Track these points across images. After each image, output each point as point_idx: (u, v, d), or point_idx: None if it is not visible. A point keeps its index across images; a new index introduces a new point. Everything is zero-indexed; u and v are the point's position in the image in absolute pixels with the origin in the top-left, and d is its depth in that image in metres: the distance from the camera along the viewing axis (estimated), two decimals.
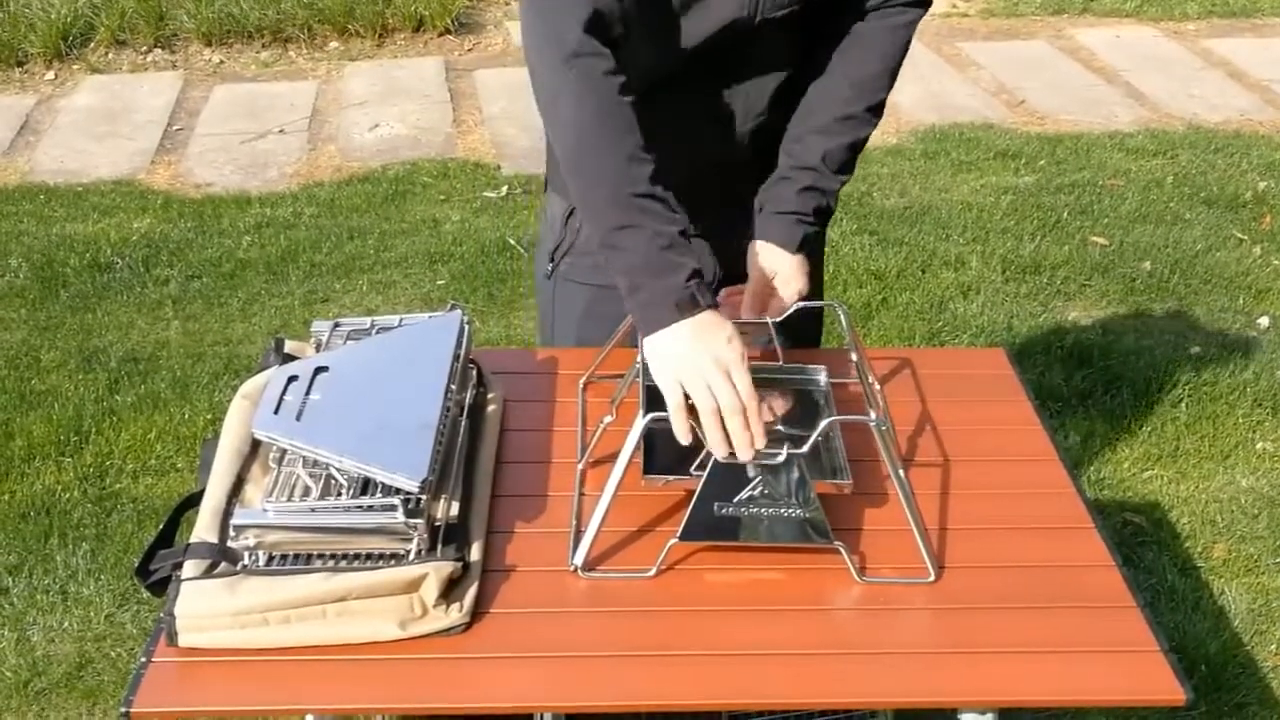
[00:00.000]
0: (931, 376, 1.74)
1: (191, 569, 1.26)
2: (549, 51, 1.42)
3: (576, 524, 1.41)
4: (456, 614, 1.26)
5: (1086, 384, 3.27)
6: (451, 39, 5.86)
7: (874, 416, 1.39)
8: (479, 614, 1.28)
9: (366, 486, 1.31)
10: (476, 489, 1.42)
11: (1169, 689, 1.22)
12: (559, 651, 1.25)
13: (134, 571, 1.33)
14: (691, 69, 1.58)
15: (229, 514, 1.31)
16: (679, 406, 1.35)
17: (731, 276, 1.72)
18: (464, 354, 1.52)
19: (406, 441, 1.31)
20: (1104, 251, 3.99)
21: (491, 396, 1.61)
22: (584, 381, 1.67)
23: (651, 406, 1.40)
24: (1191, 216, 4.23)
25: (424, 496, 1.28)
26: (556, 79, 1.43)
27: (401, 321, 1.57)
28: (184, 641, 1.22)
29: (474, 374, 1.60)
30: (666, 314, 1.37)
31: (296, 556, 1.28)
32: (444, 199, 4.37)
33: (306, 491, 1.30)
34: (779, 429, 1.51)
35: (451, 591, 1.27)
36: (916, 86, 5.29)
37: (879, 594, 1.33)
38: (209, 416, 3.08)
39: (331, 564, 1.26)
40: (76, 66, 5.52)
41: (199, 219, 4.20)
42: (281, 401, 1.37)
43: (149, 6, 5.65)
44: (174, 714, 1.21)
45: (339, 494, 1.30)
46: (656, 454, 1.43)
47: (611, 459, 1.38)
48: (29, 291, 3.72)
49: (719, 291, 1.65)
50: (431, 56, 5.72)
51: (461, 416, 1.49)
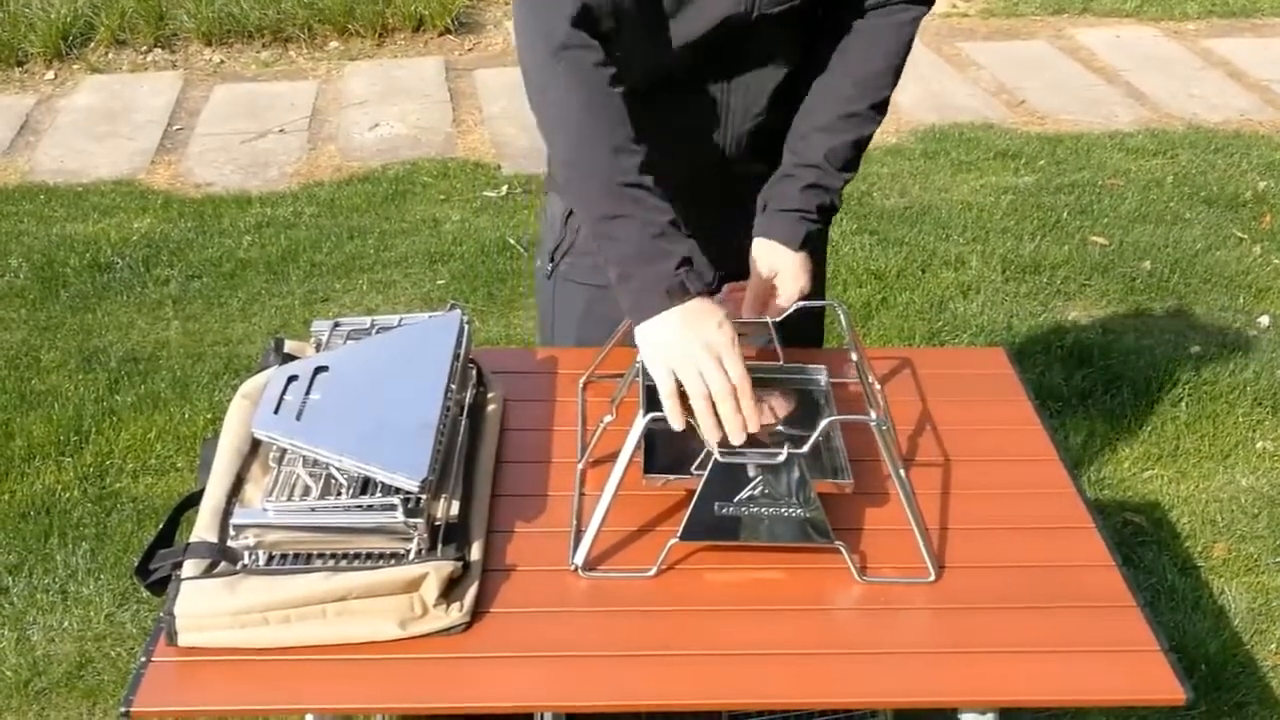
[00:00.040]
0: (931, 376, 1.74)
1: (191, 568, 1.26)
2: (538, 45, 1.44)
3: (577, 523, 1.41)
4: (457, 613, 1.26)
5: (1086, 383, 3.27)
6: (451, 39, 5.86)
7: (874, 416, 1.39)
8: (479, 613, 1.28)
9: (366, 486, 1.31)
10: (476, 488, 1.42)
11: (1169, 688, 1.22)
12: (559, 651, 1.25)
13: (134, 571, 1.33)
14: (689, 67, 1.58)
15: (229, 513, 1.31)
16: (671, 393, 1.36)
17: (732, 276, 1.72)
18: (464, 353, 1.52)
19: (406, 441, 1.31)
20: (1104, 251, 3.99)
21: (491, 396, 1.61)
22: (584, 381, 1.67)
23: (651, 406, 1.40)
24: (1191, 216, 4.23)
25: (424, 496, 1.28)
26: (545, 72, 1.44)
27: (401, 321, 1.57)
28: (184, 641, 1.22)
29: (474, 373, 1.60)
30: (657, 301, 1.39)
31: (296, 556, 1.28)
32: (444, 199, 4.37)
33: (306, 491, 1.30)
34: (779, 429, 1.51)
35: (452, 591, 1.27)
36: (916, 86, 5.29)
37: (879, 594, 1.33)
38: (209, 416, 3.08)
39: (331, 563, 1.26)
40: (76, 66, 5.52)
41: (199, 219, 4.20)
42: (281, 401, 1.37)
43: (149, 6, 5.65)
44: (174, 713, 1.21)
45: (339, 493, 1.30)
46: (657, 453, 1.43)
47: (611, 458, 1.38)
48: (29, 291, 3.73)
49: (721, 289, 1.66)
50: (431, 56, 5.72)
51: (461, 416, 1.49)
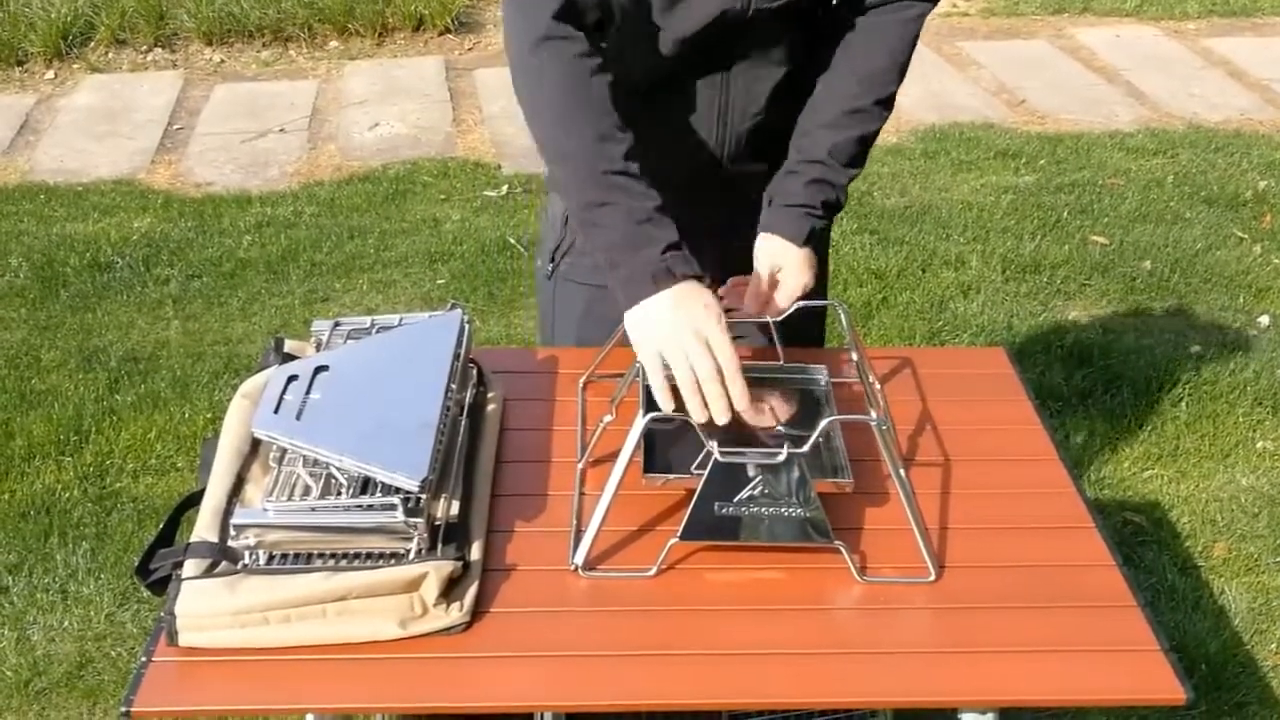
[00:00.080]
0: (932, 376, 1.74)
1: (192, 568, 1.26)
2: (522, 38, 1.46)
3: (577, 523, 1.41)
4: (457, 613, 1.26)
5: (1087, 383, 3.27)
6: (451, 38, 5.86)
7: (874, 416, 1.39)
8: (479, 613, 1.28)
9: (366, 486, 1.31)
10: (476, 488, 1.42)
11: (1169, 688, 1.22)
12: (559, 651, 1.25)
13: (134, 571, 1.33)
14: (687, 64, 1.58)
15: (229, 513, 1.31)
16: (658, 376, 1.38)
17: (734, 275, 1.72)
18: (464, 353, 1.52)
19: (406, 441, 1.31)
20: (1104, 251, 3.99)
21: (491, 396, 1.61)
22: (584, 381, 1.67)
23: (651, 406, 1.40)
24: (1192, 215, 4.23)
25: (424, 496, 1.28)
26: (529, 64, 1.47)
27: (401, 321, 1.57)
28: (184, 641, 1.22)
29: (474, 373, 1.60)
30: (645, 287, 1.40)
31: (297, 556, 1.27)
32: (444, 198, 4.37)
33: (307, 491, 1.30)
34: (780, 429, 1.51)
35: (452, 591, 1.27)
36: (917, 86, 5.28)
37: (879, 593, 1.33)
38: (209, 416, 3.08)
39: (332, 563, 1.26)
40: (76, 66, 5.52)
41: (199, 218, 4.20)
42: (281, 401, 1.37)
43: (149, 6, 5.65)
44: (174, 713, 1.21)
45: (339, 493, 1.30)
46: (657, 453, 1.43)
47: (611, 458, 1.38)
48: (29, 291, 3.73)
49: (726, 283, 1.66)
50: (431, 56, 5.72)
51: (461, 416, 1.49)
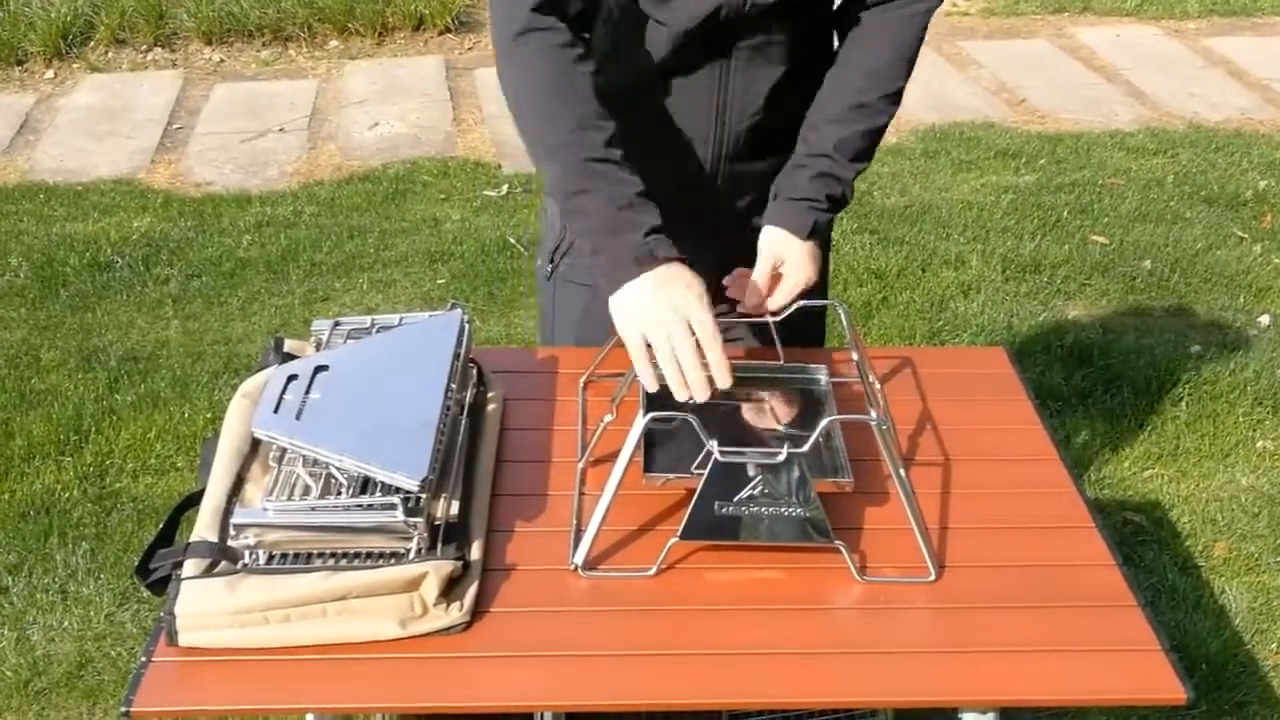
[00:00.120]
0: (932, 375, 1.73)
1: (192, 568, 1.26)
2: (504, 30, 1.49)
3: (577, 523, 1.41)
4: (457, 613, 1.26)
5: (1087, 383, 3.27)
6: (452, 38, 5.86)
7: (874, 415, 1.39)
8: (479, 613, 1.28)
9: (366, 485, 1.31)
10: (477, 488, 1.42)
11: (1170, 688, 1.22)
12: (559, 650, 1.25)
13: (134, 570, 1.33)
14: (684, 63, 1.58)
15: (229, 513, 1.31)
16: (642, 357, 1.39)
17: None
18: (464, 353, 1.52)
19: (406, 440, 1.31)
20: (1104, 250, 3.99)
21: (492, 395, 1.61)
22: (584, 380, 1.67)
23: (652, 405, 1.40)
24: (1192, 215, 4.23)
25: (424, 495, 1.28)
26: (510, 55, 1.49)
27: (402, 320, 1.57)
28: (184, 641, 1.22)
29: (474, 373, 1.59)
30: (627, 270, 1.41)
31: (297, 555, 1.27)
32: (444, 198, 4.37)
33: (306, 490, 1.30)
34: (780, 429, 1.51)
35: (452, 590, 1.27)
36: (917, 86, 5.24)
37: (879, 593, 1.33)
38: (209, 415, 3.08)
39: (332, 563, 1.26)
40: (76, 65, 5.52)
41: (199, 218, 4.20)
42: (281, 400, 1.37)
43: (149, 5, 5.65)
44: (174, 713, 1.21)
45: (339, 493, 1.30)
46: (657, 453, 1.43)
47: (612, 458, 1.37)
48: (29, 291, 3.72)
49: (731, 274, 1.67)
50: (431, 55, 5.72)
51: (462, 415, 1.49)
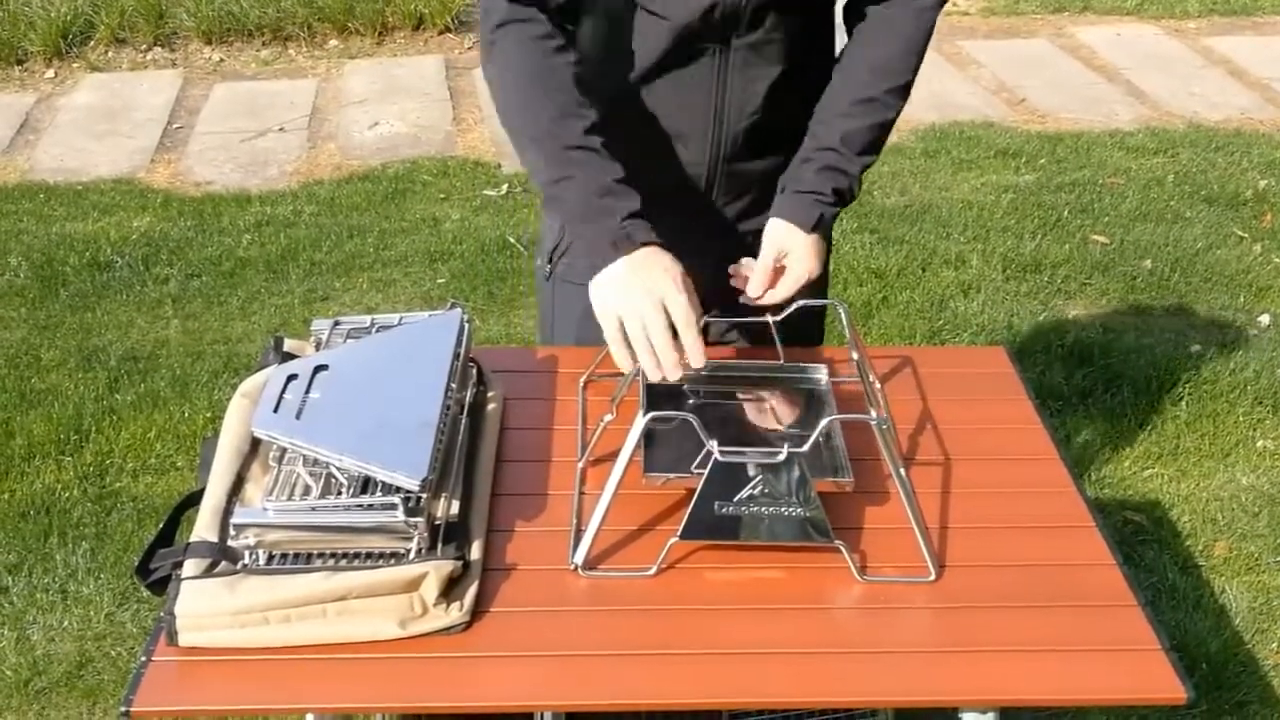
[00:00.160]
0: (932, 375, 1.73)
1: (192, 568, 1.26)
2: (485, 22, 1.52)
3: (577, 522, 1.41)
4: (457, 613, 1.25)
5: (1087, 382, 3.27)
6: (451, 37, 5.86)
7: (875, 415, 1.39)
8: (479, 613, 1.28)
9: (366, 485, 1.31)
10: (477, 487, 1.42)
11: (1170, 687, 1.22)
12: (559, 650, 1.25)
13: (134, 570, 1.33)
14: (683, 59, 1.57)
15: (229, 513, 1.31)
16: (615, 338, 1.40)
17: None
18: (464, 352, 1.52)
19: (406, 440, 1.31)
20: (1104, 250, 3.99)
21: (492, 395, 1.61)
22: (584, 380, 1.67)
23: (652, 405, 1.40)
24: (1192, 215, 4.23)
25: (424, 495, 1.28)
26: (490, 48, 1.52)
27: (401, 320, 1.57)
28: (184, 641, 1.22)
29: (474, 372, 1.59)
30: (604, 254, 1.42)
31: (297, 555, 1.27)
32: (444, 197, 4.37)
33: (307, 490, 1.30)
34: (780, 428, 1.51)
35: (452, 590, 1.27)
36: (917, 85, 5.26)
37: (880, 593, 1.33)
38: (209, 415, 3.08)
39: (332, 563, 1.26)
40: (76, 65, 5.52)
41: (199, 217, 4.20)
42: (281, 400, 1.37)
43: (149, 5, 5.65)
44: (174, 713, 1.21)
45: (339, 493, 1.30)
46: (657, 452, 1.43)
47: (612, 457, 1.37)
48: (29, 290, 3.72)
49: (738, 269, 1.67)
50: (431, 55, 5.72)
51: (461, 415, 1.49)
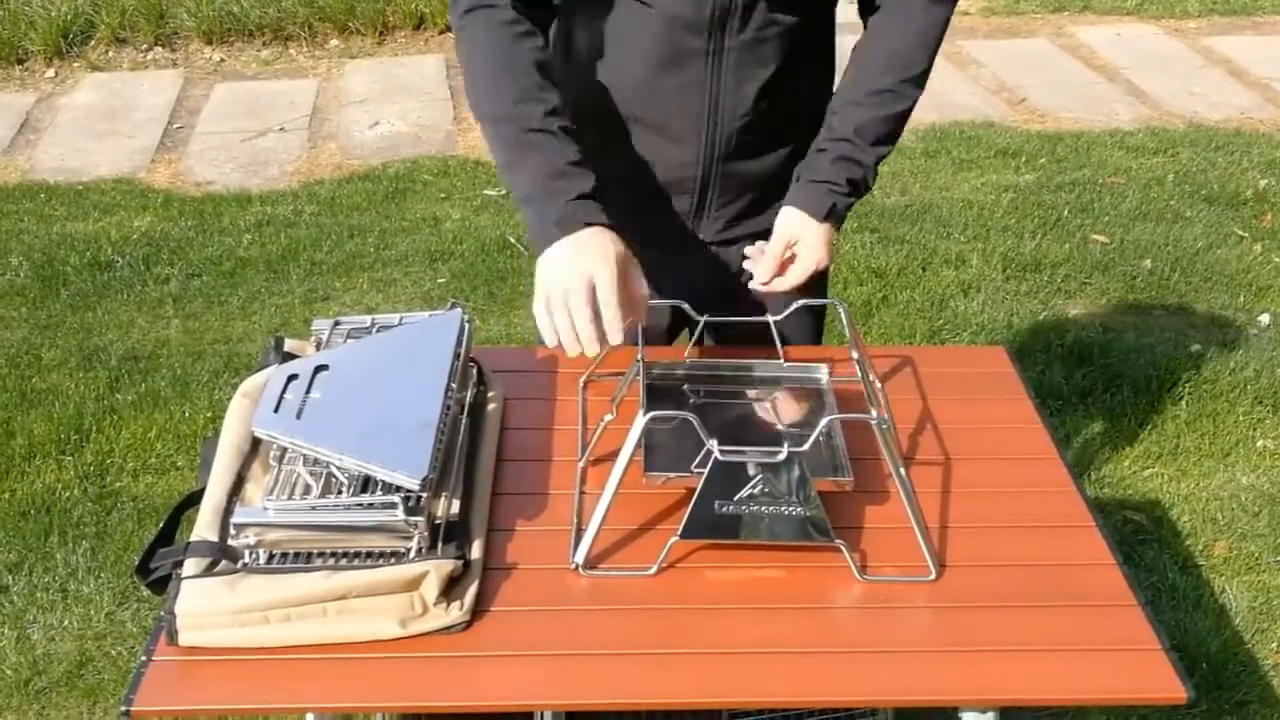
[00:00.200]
0: (932, 374, 1.73)
1: (192, 567, 1.26)
2: (453, 10, 1.56)
3: (577, 522, 1.41)
4: (457, 612, 1.26)
5: (1087, 382, 3.27)
6: (452, 37, 5.85)
7: (875, 414, 1.39)
8: (479, 612, 1.28)
9: (367, 485, 1.31)
10: (477, 487, 1.42)
11: (1170, 687, 1.22)
12: (559, 649, 1.25)
13: (134, 570, 1.33)
14: (674, 58, 1.58)
15: (229, 512, 1.31)
16: (539, 312, 1.42)
17: (741, 273, 1.73)
18: (464, 352, 1.52)
19: (407, 440, 1.31)
20: (1104, 249, 3.99)
21: (492, 395, 1.61)
22: (584, 380, 1.67)
23: (652, 405, 1.40)
24: (1192, 214, 4.23)
25: (424, 494, 1.28)
26: (460, 33, 1.56)
27: (402, 320, 1.57)
28: (184, 640, 1.22)
29: (474, 372, 1.59)
30: (550, 234, 1.44)
31: (297, 555, 1.27)
32: (444, 197, 4.37)
33: (307, 490, 1.30)
34: (780, 428, 1.51)
35: (452, 589, 1.27)
36: None
37: (880, 592, 1.33)
38: (209, 415, 3.08)
39: (332, 562, 1.26)
40: (77, 64, 5.52)
41: (199, 217, 4.20)
42: (281, 400, 1.37)
43: (149, 4, 5.65)
44: (174, 712, 1.21)
45: (339, 492, 1.30)
46: (657, 452, 1.43)
47: (612, 457, 1.37)
48: (29, 290, 3.72)
49: (754, 243, 1.68)
50: (432, 54, 5.72)
51: (462, 415, 1.49)
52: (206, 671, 1.21)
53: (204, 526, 1.31)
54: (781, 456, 1.30)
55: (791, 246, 1.63)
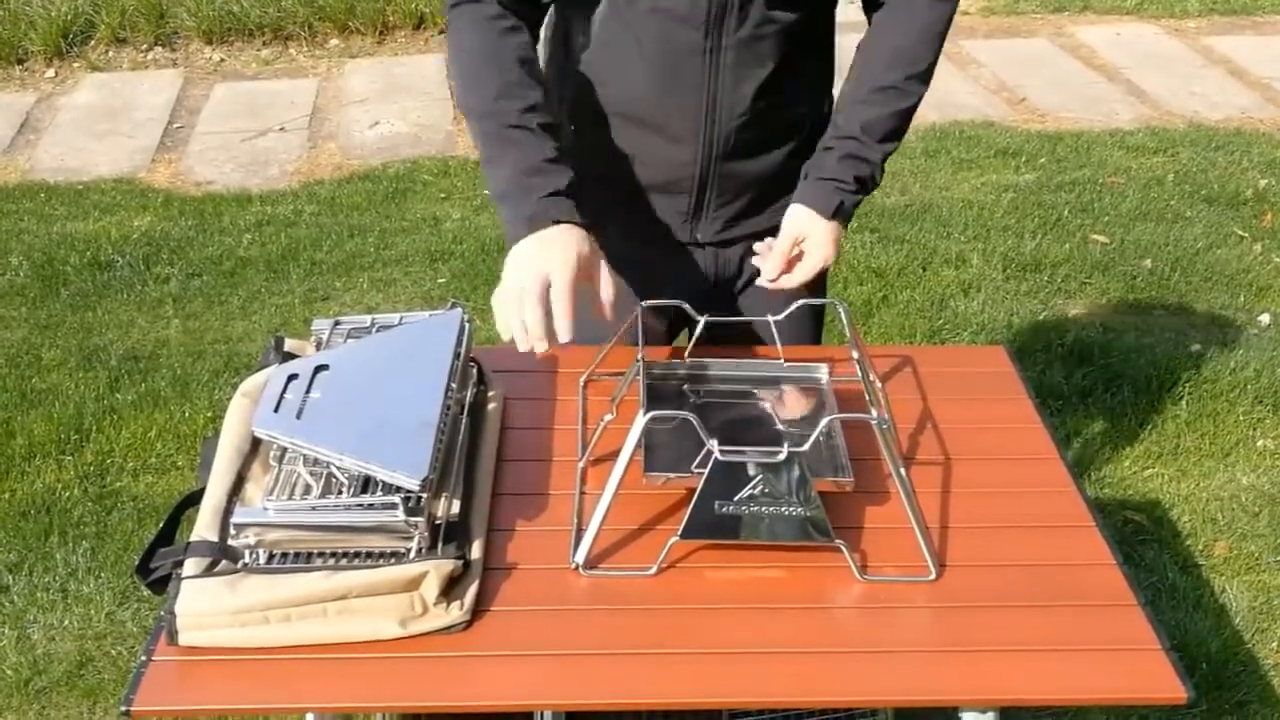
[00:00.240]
0: (932, 374, 1.73)
1: (192, 567, 1.26)
2: (444, 5, 1.57)
3: (577, 522, 1.41)
4: (457, 612, 1.26)
5: (1087, 382, 3.27)
6: None
7: (875, 414, 1.39)
8: (480, 612, 1.28)
9: (367, 485, 1.31)
10: (477, 487, 1.42)
11: (1170, 687, 1.22)
12: (559, 649, 1.25)
13: (134, 570, 1.33)
14: (671, 57, 1.58)
15: (229, 512, 1.31)
16: (496, 305, 1.42)
17: (740, 273, 1.73)
18: (464, 352, 1.52)
19: (407, 440, 1.31)
20: (1105, 249, 3.99)
21: (492, 395, 1.61)
22: (584, 379, 1.67)
23: (652, 405, 1.40)
24: (1192, 214, 4.23)
25: (424, 494, 1.28)
26: (448, 28, 1.56)
27: (402, 320, 1.57)
28: (184, 640, 1.22)
29: (474, 372, 1.59)
30: (520, 231, 1.44)
31: (297, 555, 1.27)
32: (444, 197, 4.37)
33: (307, 490, 1.30)
34: (780, 427, 1.51)
35: (452, 589, 1.27)
36: None
37: (880, 592, 1.33)
38: (209, 415, 3.08)
39: (332, 562, 1.26)
40: (77, 64, 5.52)
41: (199, 217, 4.20)
42: (282, 400, 1.37)
43: (149, 4, 5.65)
44: (174, 712, 1.21)
45: (339, 492, 1.30)
46: (657, 452, 1.43)
47: (612, 457, 1.37)
48: (30, 290, 3.73)
49: (763, 240, 1.69)
50: (432, 54, 5.71)
51: (462, 415, 1.49)
52: (206, 671, 1.21)
53: (204, 526, 1.31)
54: (781, 456, 1.30)
55: (799, 244, 1.64)
